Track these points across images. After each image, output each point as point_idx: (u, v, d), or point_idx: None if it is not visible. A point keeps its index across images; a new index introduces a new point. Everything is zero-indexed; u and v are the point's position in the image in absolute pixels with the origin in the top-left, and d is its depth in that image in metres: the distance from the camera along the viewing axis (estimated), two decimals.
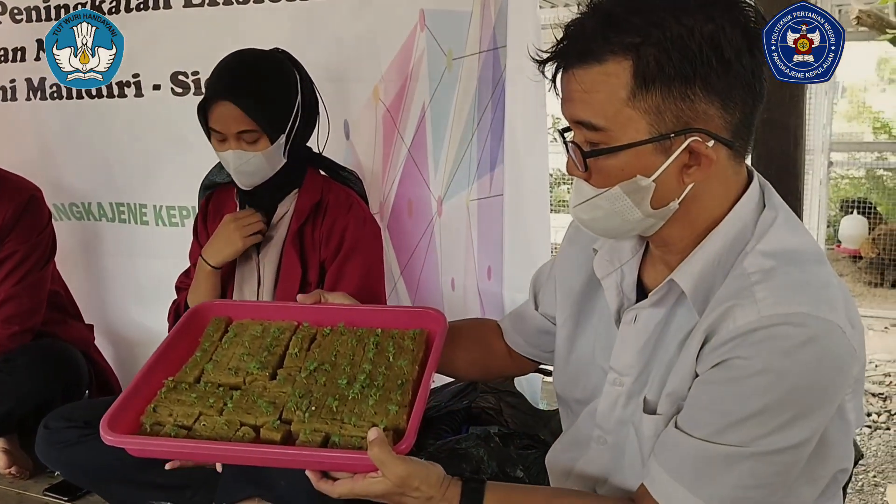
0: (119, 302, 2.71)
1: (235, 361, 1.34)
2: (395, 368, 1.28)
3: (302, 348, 1.36)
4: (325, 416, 1.20)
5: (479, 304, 2.21)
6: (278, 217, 1.92)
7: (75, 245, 2.68)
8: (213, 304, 1.49)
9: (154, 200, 2.50)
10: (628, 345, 1.11)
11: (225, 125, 1.76)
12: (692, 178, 0.99)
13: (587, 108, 0.98)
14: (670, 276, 1.04)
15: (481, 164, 2.15)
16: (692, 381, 1.01)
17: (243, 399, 1.26)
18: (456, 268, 2.25)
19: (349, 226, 1.87)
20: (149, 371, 1.30)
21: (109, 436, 1.13)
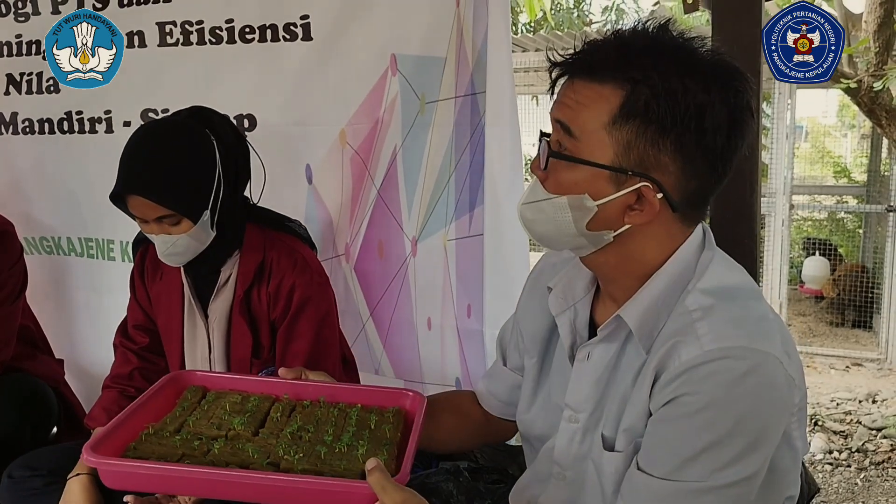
0: (87, 338, 2.68)
1: (217, 419, 1.33)
2: (379, 433, 1.29)
3: (283, 414, 1.35)
4: (314, 460, 1.19)
5: (457, 343, 2.24)
6: (222, 281, 1.86)
7: (45, 279, 2.66)
8: (191, 374, 1.48)
9: (121, 236, 2.50)
10: (582, 382, 1.15)
11: (142, 213, 1.70)
12: (631, 220, 1.06)
13: (572, 115, 1.05)
14: (617, 313, 1.10)
15: (460, 205, 2.19)
16: (647, 418, 1.06)
17: (229, 446, 1.24)
18: (433, 307, 2.28)
19: (296, 284, 1.82)
20: (127, 417, 1.28)
21: (93, 458, 1.11)
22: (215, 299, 1.87)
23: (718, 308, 1.04)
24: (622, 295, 1.12)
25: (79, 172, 2.49)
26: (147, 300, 1.99)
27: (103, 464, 1.13)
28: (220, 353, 1.88)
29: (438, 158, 2.20)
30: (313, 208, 2.27)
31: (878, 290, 5.31)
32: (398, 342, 2.36)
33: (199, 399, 1.41)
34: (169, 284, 1.92)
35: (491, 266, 2.11)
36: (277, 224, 1.93)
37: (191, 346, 1.91)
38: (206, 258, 1.81)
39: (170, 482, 1.15)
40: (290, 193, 2.04)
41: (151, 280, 1.96)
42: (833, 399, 4.25)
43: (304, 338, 1.84)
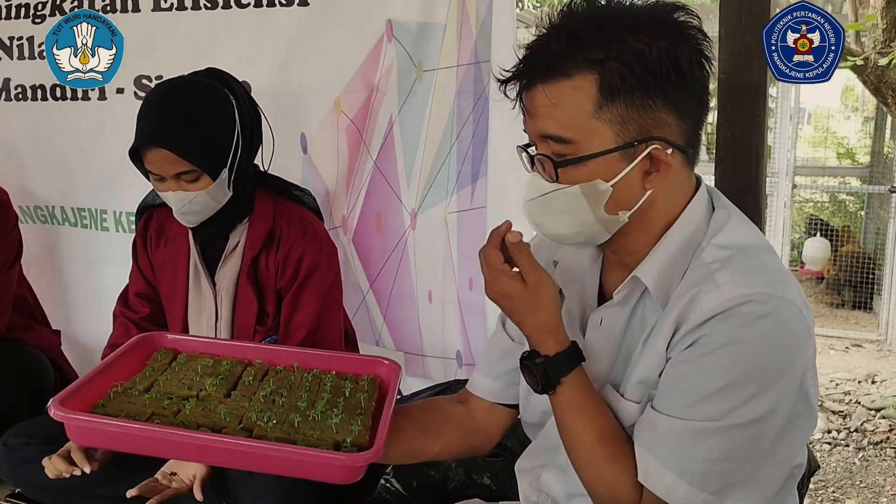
0: (82, 309, 2.67)
1: (188, 380, 1.29)
2: (354, 401, 1.27)
3: (256, 378, 1.33)
4: (288, 428, 1.16)
5: (458, 316, 2.21)
6: (230, 248, 1.85)
7: (40, 249, 2.64)
8: (161, 336, 1.45)
9: (114, 206, 2.48)
10: (597, 350, 1.15)
11: (161, 168, 1.68)
12: (652, 184, 1.06)
13: (554, 122, 1.04)
14: (633, 274, 1.09)
15: (461, 177, 2.15)
16: (661, 369, 1.06)
17: (200, 407, 1.21)
18: (433, 280, 2.25)
19: (306, 252, 1.82)
20: (93, 378, 1.24)
21: (61, 411, 1.08)
22: (223, 266, 1.86)
23: (736, 259, 1.04)
24: (634, 259, 1.12)
25: (71, 141, 2.46)
26: (150, 268, 1.97)
27: (71, 418, 1.10)
28: (226, 320, 1.87)
29: (439, 128, 2.16)
30: (309, 178, 2.24)
31: (879, 271, 5.30)
32: (398, 315, 2.34)
33: (170, 361, 1.37)
34: (175, 251, 1.90)
35: None
36: (287, 192, 1.92)
37: (196, 312, 1.90)
38: (217, 222, 1.80)
39: (138, 441, 1.10)
40: (285, 163, 2.01)
41: (155, 247, 1.94)
42: (832, 379, 4.25)
43: (309, 306, 1.83)
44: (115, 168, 2.38)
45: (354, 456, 1.09)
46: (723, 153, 1.86)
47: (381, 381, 1.35)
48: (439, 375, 2.28)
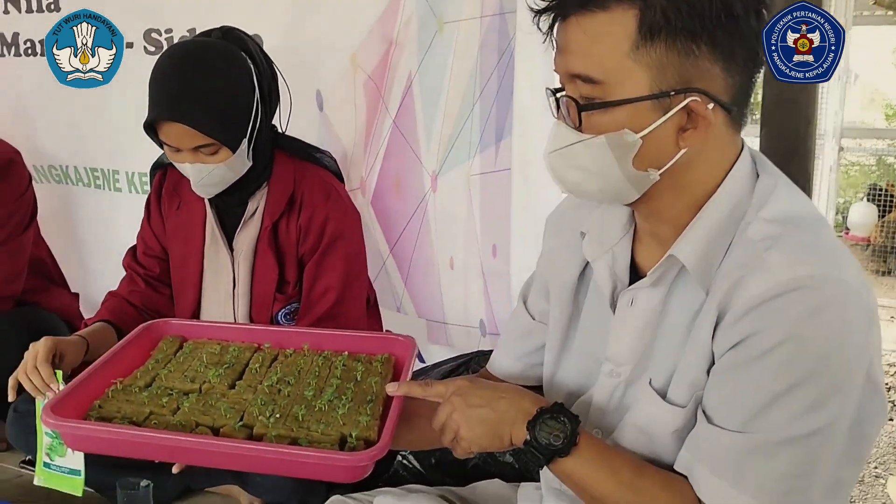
0: (98, 271, 2.63)
1: (192, 371, 1.25)
2: (365, 386, 1.22)
3: (263, 364, 1.28)
4: (291, 423, 1.11)
5: (482, 284, 2.10)
6: (249, 213, 1.78)
7: (56, 209, 2.60)
8: (166, 323, 1.40)
9: (126, 167, 2.41)
10: (626, 331, 1.04)
11: (178, 142, 1.60)
12: (688, 142, 0.94)
13: (586, 60, 0.93)
14: (669, 252, 0.98)
15: (485, 137, 2.04)
16: (709, 364, 0.95)
17: (200, 402, 1.16)
18: (455, 246, 2.15)
19: (329, 217, 1.74)
20: (95, 372, 1.20)
21: (51, 419, 1.05)
22: (241, 231, 1.79)
23: (787, 236, 0.92)
24: (669, 233, 1.01)
25: (82, 98, 2.36)
26: (162, 229, 1.91)
27: (61, 426, 1.06)
28: (244, 288, 1.81)
29: (461, 85, 2.04)
30: (325, 138, 2.15)
31: None
32: (419, 281, 2.25)
33: (176, 350, 1.33)
34: (190, 216, 1.84)
35: (519, 203, 1.96)
36: (307, 154, 1.84)
37: (212, 280, 1.83)
38: (236, 189, 1.73)
39: (133, 447, 1.07)
40: (301, 122, 1.91)
41: (168, 209, 1.88)
42: None
43: (333, 273, 1.75)
44: (126, 126, 2.28)
45: (357, 455, 1.03)
46: (768, 114, 1.72)
47: (397, 360, 1.30)
48: (462, 344, 2.20)
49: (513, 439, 1.01)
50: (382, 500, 1.30)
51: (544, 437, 0.98)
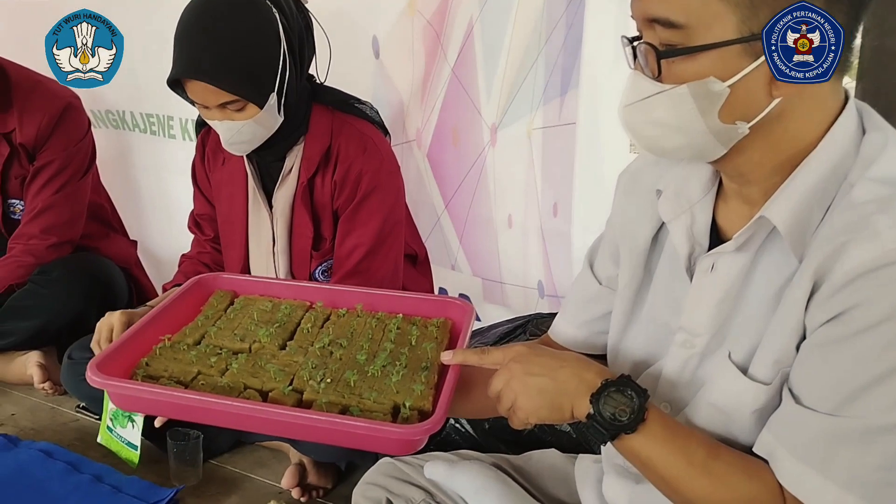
0: (154, 219, 2.63)
1: (242, 330, 1.21)
2: (420, 351, 1.16)
3: (315, 325, 1.24)
4: (342, 389, 1.06)
5: (541, 244, 2.01)
6: (287, 169, 1.73)
7: (114, 155, 2.60)
8: (217, 278, 1.37)
9: (181, 113, 2.36)
10: (704, 299, 0.96)
11: (203, 99, 1.56)
12: (782, 91, 0.83)
13: (666, 2, 0.84)
14: (760, 213, 0.89)
15: (549, 88, 1.92)
16: (800, 339, 0.86)
17: (249, 363, 1.12)
18: (514, 203, 2.06)
19: (364, 171, 1.68)
20: (144, 327, 1.17)
21: (98, 377, 1.01)
22: (279, 188, 1.75)
23: None
24: (758, 193, 0.92)
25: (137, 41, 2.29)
26: (209, 188, 1.89)
27: (107, 384, 1.02)
28: (282, 245, 1.78)
29: (525, 33, 1.91)
30: (381, 87, 2.06)
31: None
32: (475, 238, 2.17)
33: (227, 306, 1.29)
34: (232, 172, 1.80)
35: (583, 160, 1.85)
36: (346, 106, 1.76)
37: (255, 237, 1.81)
38: (271, 144, 1.68)
39: (178, 409, 1.03)
40: (355, 70, 1.83)
41: (213, 167, 1.85)
42: None
43: (366, 228, 1.70)
44: None
45: (411, 429, 0.97)
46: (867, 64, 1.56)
47: (454, 325, 1.24)
48: (519, 305, 2.12)
49: (574, 412, 0.94)
50: (433, 467, 1.27)
51: (609, 412, 0.91)
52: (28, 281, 2.14)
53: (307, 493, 1.67)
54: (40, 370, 2.12)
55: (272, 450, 1.89)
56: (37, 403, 2.12)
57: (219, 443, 1.85)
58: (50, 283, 2.13)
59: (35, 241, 2.15)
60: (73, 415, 2.06)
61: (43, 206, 2.16)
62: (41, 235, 2.15)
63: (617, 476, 1.10)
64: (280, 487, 1.71)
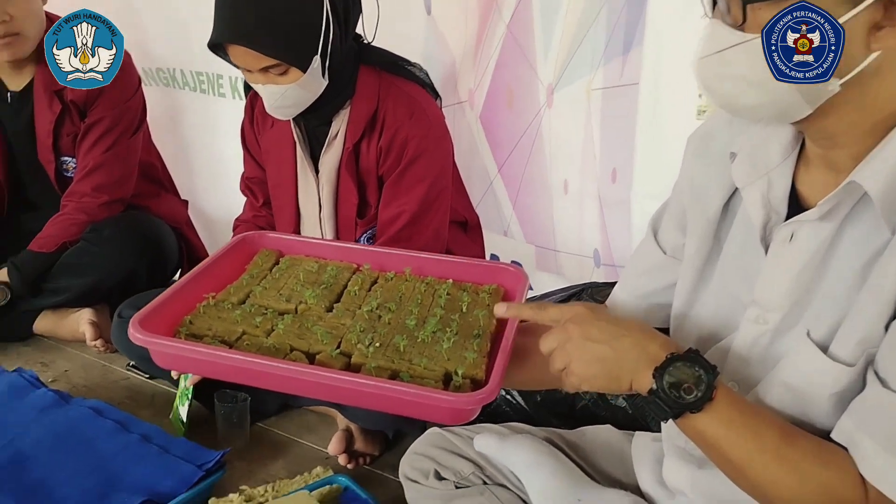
0: (204, 179, 2.63)
1: (287, 290, 1.17)
2: (471, 318, 1.11)
3: (363, 287, 1.20)
4: (391, 354, 1.02)
5: (598, 211, 1.93)
6: (333, 134, 1.69)
7: (164, 113, 2.58)
8: (262, 236, 1.35)
9: (230, 72, 2.32)
10: (780, 271, 0.90)
11: (245, 63, 1.53)
12: (882, 44, 0.76)
13: None
14: (850, 178, 0.82)
15: (611, 46, 1.81)
16: (890, 318, 0.80)
17: (296, 324, 1.09)
18: (570, 168, 1.97)
19: (410, 136, 1.63)
20: (187, 284, 1.14)
21: (140, 335, 0.99)
22: (325, 153, 1.72)
23: None
24: (846, 158, 0.84)
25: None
26: (259, 153, 1.86)
27: (150, 342, 1.00)
28: (328, 211, 1.75)
29: None
30: (433, 45, 1.98)
31: None
32: (529, 204, 2.10)
33: (272, 266, 1.26)
34: (280, 135, 1.77)
35: (646, 123, 1.76)
36: (394, 67, 1.71)
37: (304, 203, 1.79)
38: (316, 108, 1.64)
39: (221, 369, 1.00)
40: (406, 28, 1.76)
41: (262, 130, 1.83)
42: None
43: (410, 195, 1.66)
44: None
45: (465, 398, 0.93)
46: None
47: (506, 292, 1.19)
48: (573, 274, 2.05)
49: (633, 385, 0.88)
50: (483, 440, 1.23)
51: (674, 388, 0.84)
52: (81, 239, 2.15)
53: (354, 460, 1.65)
54: (92, 328, 2.14)
55: (319, 414, 1.87)
56: (89, 361, 2.14)
57: (266, 406, 1.84)
58: (102, 241, 2.14)
59: (87, 200, 2.16)
60: (124, 373, 2.08)
61: (94, 165, 2.16)
62: (93, 194, 2.16)
63: (678, 459, 1.04)
64: (327, 453, 1.69)
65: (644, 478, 1.16)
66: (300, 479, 1.55)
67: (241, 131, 1.88)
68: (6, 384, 1.80)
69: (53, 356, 2.16)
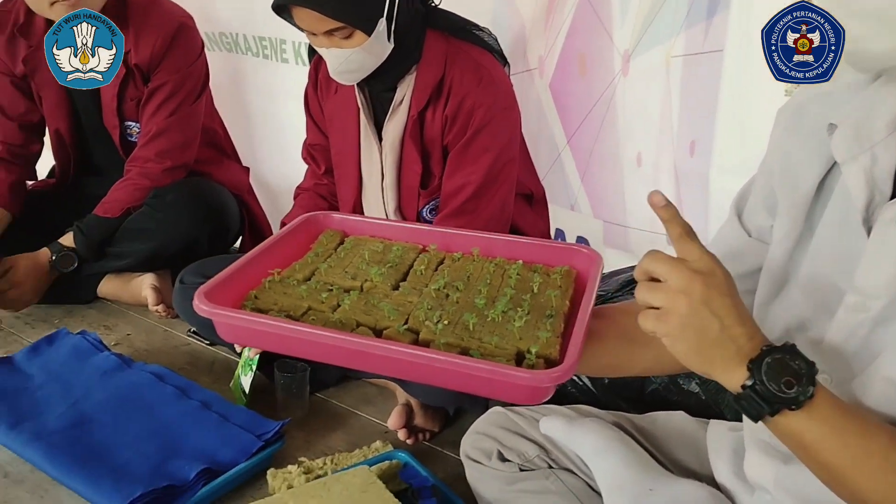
0: (267, 146, 2.60)
1: (353, 268, 1.15)
2: (543, 299, 1.06)
3: (429, 267, 1.16)
4: (461, 332, 0.98)
5: (674, 186, 1.83)
6: (397, 101, 1.64)
7: (227, 80, 2.56)
8: (327, 216, 1.32)
9: (294, 36, 2.28)
10: (885, 255, 0.82)
11: (309, 26, 1.49)
12: None
13: None
14: None
15: (693, 10, 1.70)
16: None
17: (362, 301, 1.06)
18: (645, 139, 1.88)
19: (478, 104, 1.58)
20: (252, 260, 1.12)
21: (206, 307, 0.97)
22: (389, 120, 1.67)
23: None
24: None
25: None
26: (322, 119, 1.82)
27: (215, 314, 0.97)
28: (391, 181, 1.71)
29: None
30: (502, 10, 1.91)
31: None
32: (599, 177, 2.01)
33: (336, 245, 1.24)
34: (344, 101, 1.73)
35: (729, 93, 1.65)
36: (463, 32, 1.65)
37: (367, 172, 1.74)
38: (381, 73, 1.60)
39: (287, 342, 0.97)
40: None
41: (325, 95, 1.79)
42: None
43: (475, 166, 1.61)
44: None
45: (541, 374, 0.87)
46: None
47: (579, 275, 1.13)
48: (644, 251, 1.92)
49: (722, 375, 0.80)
50: (550, 422, 1.18)
51: (773, 383, 0.77)
52: (144, 204, 2.15)
53: (413, 436, 1.62)
54: (154, 293, 2.15)
55: (378, 387, 1.84)
56: (151, 325, 2.15)
57: (325, 376, 1.82)
58: (164, 206, 2.13)
59: (151, 165, 2.15)
60: (185, 339, 2.08)
61: (158, 130, 2.15)
62: (156, 159, 2.16)
63: (761, 453, 0.97)
64: (386, 426, 1.66)
65: (720, 469, 1.09)
66: (359, 452, 1.53)
67: (305, 97, 1.85)
68: (70, 346, 1.82)
69: (116, 320, 2.18)
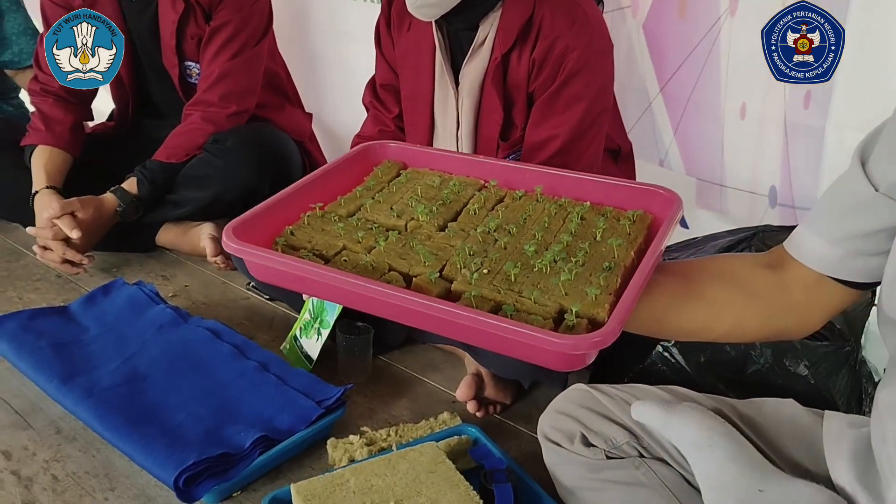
0: (332, 90, 2.47)
1: (401, 205, 1.08)
2: (604, 248, 0.96)
3: (485, 206, 1.07)
4: (499, 283, 0.90)
5: (782, 142, 1.64)
6: (479, 41, 1.51)
7: (289, 20, 2.43)
8: (387, 146, 1.24)
9: None
10: None
11: None
12: None
13: None
14: None
15: None
16: None
17: (399, 243, 0.99)
18: (751, 89, 1.67)
19: (570, 48, 1.43)
20: (294, 193, 1.06)
21: (233, 242, 0.91)
22: (469, 62, 1.53)
23: None
24: None
25: None
26: (394, 56, 1.68)
27: (241, 251, 0.91)
28: (467, 129, 1.57)
29: None
30: None
31: None
32: (695, 131, 1.82)
33: (391, 178, 1.16)
34: (418, 38, 1.60)
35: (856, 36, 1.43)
36: None
37: (441, 118, 1.61)
38: (463, 10, 1.46)
39: (313, 286, 0.91)
40: None
41: (398, 31, 1.65)
42: None
43: (564, 117, 1.46)
44: None
45: (571, 340, 0.76)
46: None
47: (654, 220, 1.02)
48: (741, 214, 1.77)
49: None
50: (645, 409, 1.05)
51: None
52: (202, 149, 2.05)
53: (483, 408, 1.49)
54: (213, 243, 2.06)
55: (445, 352, 1.72)
56: (210, 277, 2.07)
57: (390, 338, 1.70)
58: (224, 152, 2.03)
59: (214, 110, 2.05)
60: (244, 292, 2.00)
61: (220, 73, 2.04)
62: (220, 104, 2.06)
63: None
64: (453, 396, 1.55)
65: (839, 471, 0.95)
66: (426, 424, 1.41)
67: (376, 32, 1.71)
68: (126, 298, 1.74)
69: (175, 270, 2.10)
